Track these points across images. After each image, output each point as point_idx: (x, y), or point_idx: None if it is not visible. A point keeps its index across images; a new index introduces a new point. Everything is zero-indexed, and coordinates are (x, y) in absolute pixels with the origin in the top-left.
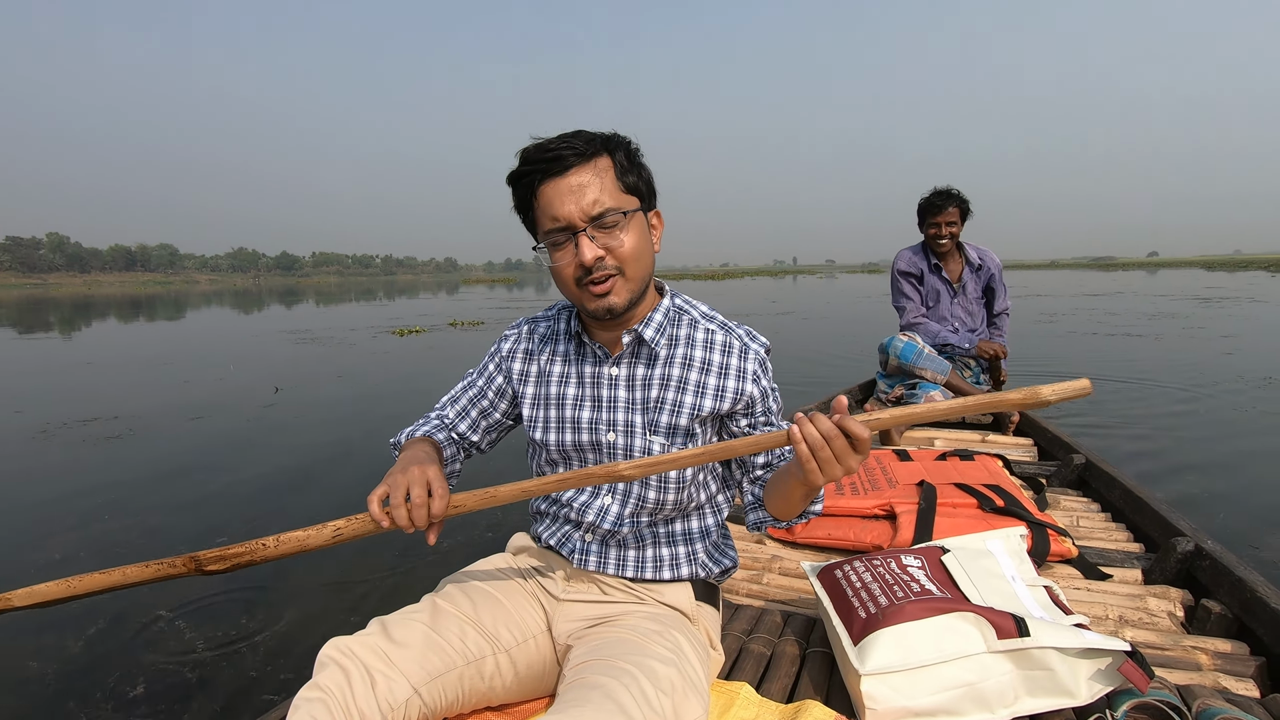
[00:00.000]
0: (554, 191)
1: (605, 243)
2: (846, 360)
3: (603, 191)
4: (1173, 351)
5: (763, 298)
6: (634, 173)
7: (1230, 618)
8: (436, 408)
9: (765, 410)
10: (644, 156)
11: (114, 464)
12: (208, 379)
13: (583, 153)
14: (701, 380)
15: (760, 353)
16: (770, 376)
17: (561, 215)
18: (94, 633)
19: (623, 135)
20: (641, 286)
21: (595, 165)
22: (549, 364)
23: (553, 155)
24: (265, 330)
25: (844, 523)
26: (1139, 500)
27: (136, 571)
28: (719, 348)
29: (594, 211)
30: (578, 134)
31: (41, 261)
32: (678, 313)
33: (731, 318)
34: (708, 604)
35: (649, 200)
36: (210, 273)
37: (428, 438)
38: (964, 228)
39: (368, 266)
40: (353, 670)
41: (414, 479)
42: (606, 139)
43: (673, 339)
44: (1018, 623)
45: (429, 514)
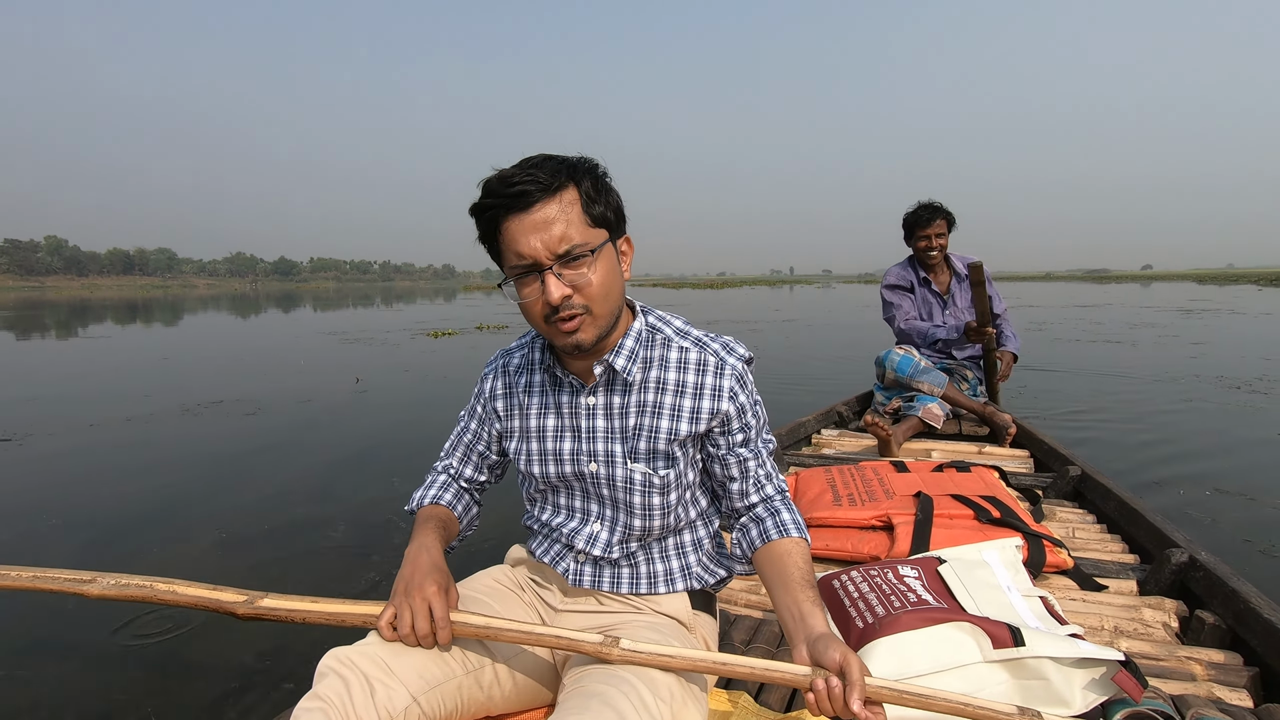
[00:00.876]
0: (518, 228)
1: (573, 280)
2: (849, 363)
3: (569, 226)
4: (1141, 353)
5: (767, 306)
6: (601, 202)
7: (1224, 628)
8: (441, 458)
9: (743, 426)
10: (612, 179)
11: (270, 431)
12: (286, 372)
13: (547, 186)
14: (676, 404)
15: (738, 367)
16: (750, 390)
17: (526, 253)
18: (86, 639)
19: (590, 160)
20: (610, 321)
21: (561, 198)
22: (527, 397)
23: (516, 190)
24: (304, 333)
25: (841, 534)
26: (1134, 512)
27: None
28: (693, 367)
29: (560, 249)
30: (543, 163)
31: (39, 264)
32: (650, 333)
33: (739, 326)
34: (705, 613)
35: (618, 228)
36: (208, 277)
37: (436, 506)
38: (950, 239)
39: (365, 272)
40: (352, 679)
41: (416, 608)
42: (573, 167)
43: (646, 362)
44: (1013, 633)
45: (434, 641)
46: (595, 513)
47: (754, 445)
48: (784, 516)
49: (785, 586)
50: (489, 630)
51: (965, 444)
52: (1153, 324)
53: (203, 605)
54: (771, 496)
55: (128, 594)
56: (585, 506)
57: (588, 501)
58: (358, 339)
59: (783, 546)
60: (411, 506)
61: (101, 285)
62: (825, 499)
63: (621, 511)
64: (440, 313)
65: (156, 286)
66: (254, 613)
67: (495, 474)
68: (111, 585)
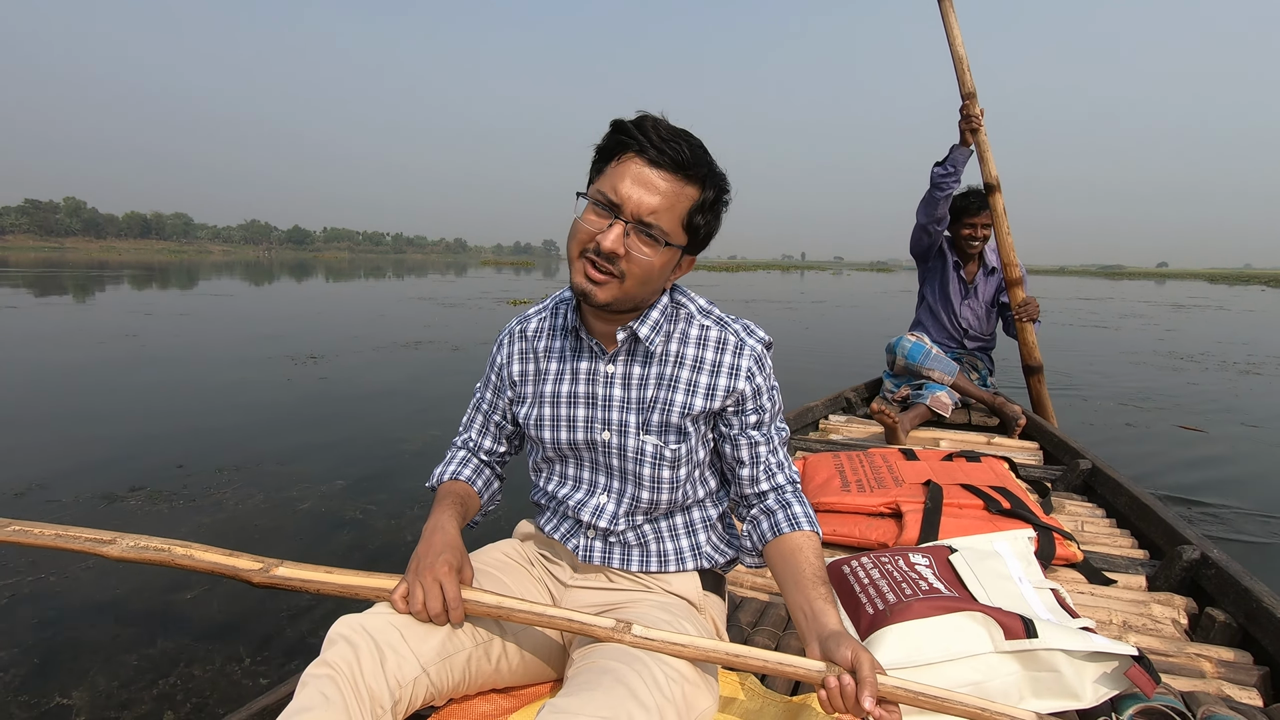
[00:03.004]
0: (635, 172)
1: (631, 246)
2: (877, 343)
3: (668, 211)
4: (1119, 336)
5: (793, 289)
6: (705, 218)
7: (1235, 627)
8: (460, 432)
9: (757, 408)
10: (727, 209)
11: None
12: (440, 323)
13: (684, 166)
14: (693, 379)
15: (757, 349)
16: (768, 373)
17: (622, 194)
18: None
19: (726, 182)
20: (630, 301)
21: (684, 186)
22: (545, 361)
23: (662, 146)
24: (403, 297)
25: (849, 520)
26: (1145, 507)
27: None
28: (713, 344)
29: (646, 218)
30: (695, 147)
31: (58, 225)
32: (675, 308)
33: (773, 305)
34: (714, 593)
35: (696, 247)
36: (223, 244)
37: (456, 482)
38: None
39: (378, 244)
40: (362, 646)
41: (428, 587)
42: (711, 173)
43: (668, 335)
44: (1025, 624)
45: (446, 619)
46: (602, 484)
47: (766, 430)
48: (795, 509)
49: (798, 584)
50: (501, 610)
51: (974, 434)
52: (1142, 315)
53: (219, 571)
54: (782, 486)
55: (146, 557)
56: (593, 478)
57: (595, 472)
58: (453, 305)
59: (794, 541)
60: (432, 483)
61: (120, 248)
62: (833, 484)
63: (630, 483)
64: (501, 283)
65: (173, 251)
66: (269, 581)
67: (514, 444)
68: (131, 548)
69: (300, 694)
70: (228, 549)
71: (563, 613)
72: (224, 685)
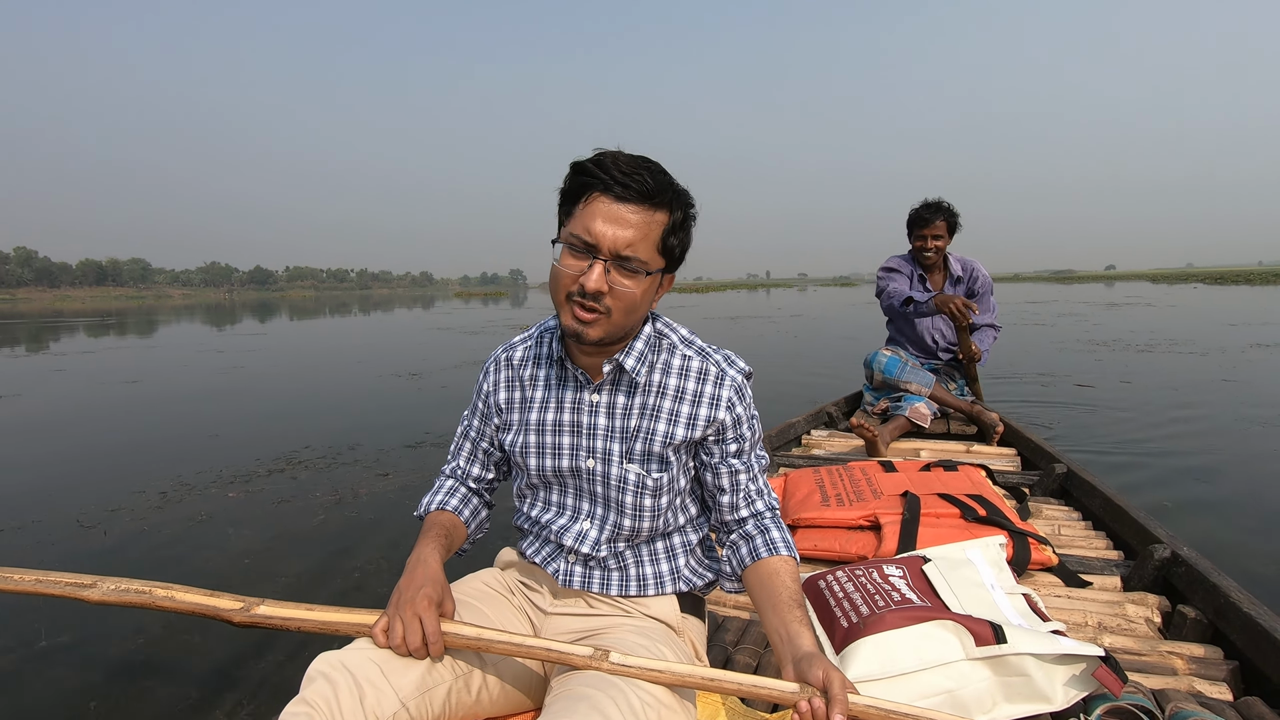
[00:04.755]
0: (604, 210)
1: (614, 282)
2: (854, 357)
3: (643, 240)
4: (1053, 330)
5: (770, 306)
6: (678, 237)
7: (1205, 623)
8: (448, 460)
9: (737, 438)
10: (695, 220)
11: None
12: (467, 351)
13: (650, 195)
14: (675, 408)
15: (737, 379)
16: (748, 403)
17: (595, 234)
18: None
19: (689, 197)
20: (620, 331)
21: (652, 213)
22: (531, 389)
23: (625, 180)
24: (428, 327)
25: (830, 534)
26: (1118, 508)
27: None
28: (694, 375)
29: (623, 252)
30: (656, 173)
31: (9, 276)
32: (658, 338)
33: (760, 321)
34: (693, 616)
35: (673, 266)
36: (182, 287)
37: (442, 513)
38: (951, 242)
39: (343, 281)
40: (341, 683)
41: (408, 622)
42: (676, 194)
43: (651, 366)
44: (995, 630)
45: (427, 653)
46: (586, 510)
47: (746, 458)
48: (773, 534)
49: (774, 607)
50: (481, 642)
51: (953, 443)
52: (1077, 314)
53: (200, 612)
54: (761, 512)
55: (127, 600)
56: (576, 504)
57: (579, 499)
58: (475, 331)
59: (771, 565)
60: (419, 513)
61: (74, 297)
62: (814, 499)
63: (612, 510)
64: (497, 315)
65: (131, 297)
66: (250, 620)
67: (503, 471)
68: (111, 591)
69: None
70: (208, 589)
71: (541, 642)
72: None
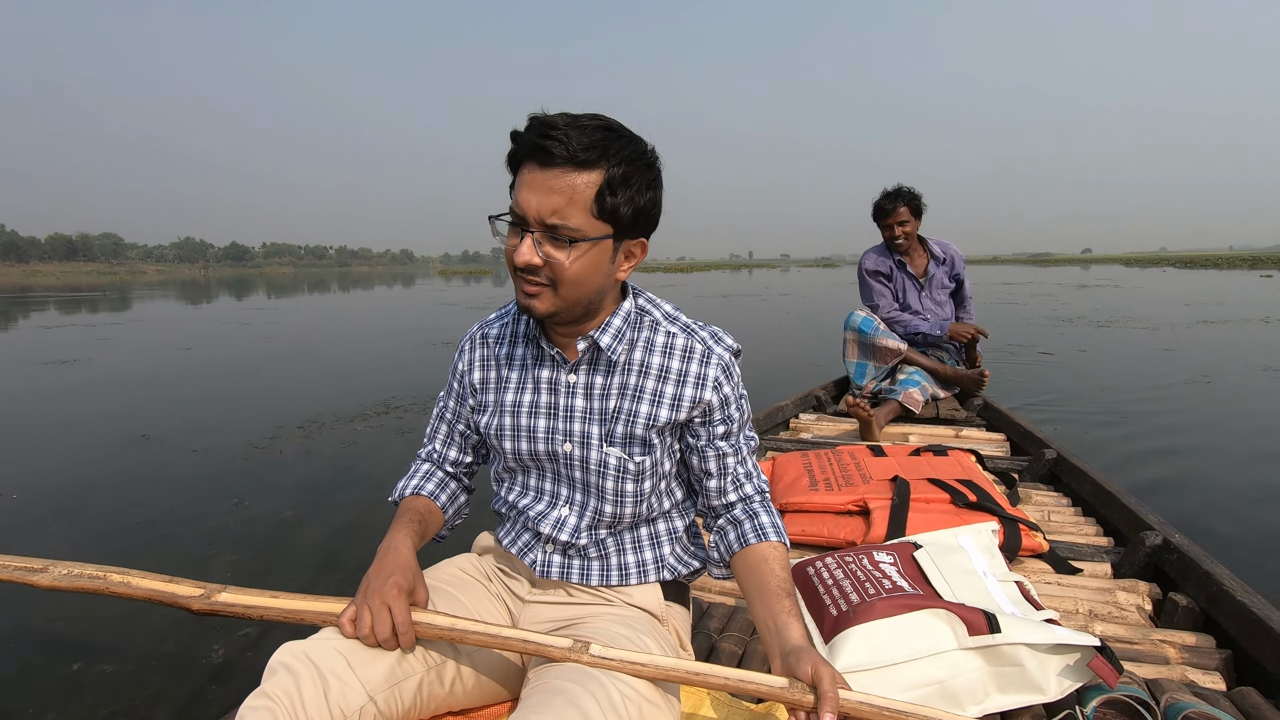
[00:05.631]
0: (528, 179)
1: (549, 253)
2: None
3: (570, 205)
4: (1025, 309)
5: (757, 285)
6: (621, 196)
7: (1197, 610)
8: (424, 443)
9: (725, 419)
10: (657, 177)
11: None
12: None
13: (573, 156)
14: (658, 389)
15: (725, 357)
16: (736, 382)
17: (521, 205)
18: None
19: (638, 147)
20: (576, 307)
21: (580, 175)
22: (506, 370)
23: (543, 144)
24: (434, 303)
25: (818, 519)
26: (1108, 494)
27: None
28: (679, 353)
29: (549, 220)
30: (587, 129)
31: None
32: (639, 315)
33: (752, 299)
34: (678, 604)
35: (630, 230)
36: (156, 263)
37: (417, 498)
38: (921, 223)
39: (321, 258)
40: (304, 675)
41: (376, 611)
42: (610, 148)
43: (632, 343)
44: (988, 619)
45: (396, 644)
46: (565, 496)
47: (734, 440)
48: (762, 519)
49: (762, 596)
50: (454, 632)
51: (943, 428)
52: (1049, 295)
53: (157, 599)
54: (750, 496)
55: (79, 585)
56: (555, 489)
57: (558, 484)
58: (481, 306)
59: (760, 552)
60: (393, 498)
61: (45, 272)
62: (802, 484)
63: (593, 496)
64: (486, 291)
65: (104, 273)
66: (209, 608)
67: (481, 454)
68: (63, 575)
69: None
70: (167, 575)
71: (518, 633)
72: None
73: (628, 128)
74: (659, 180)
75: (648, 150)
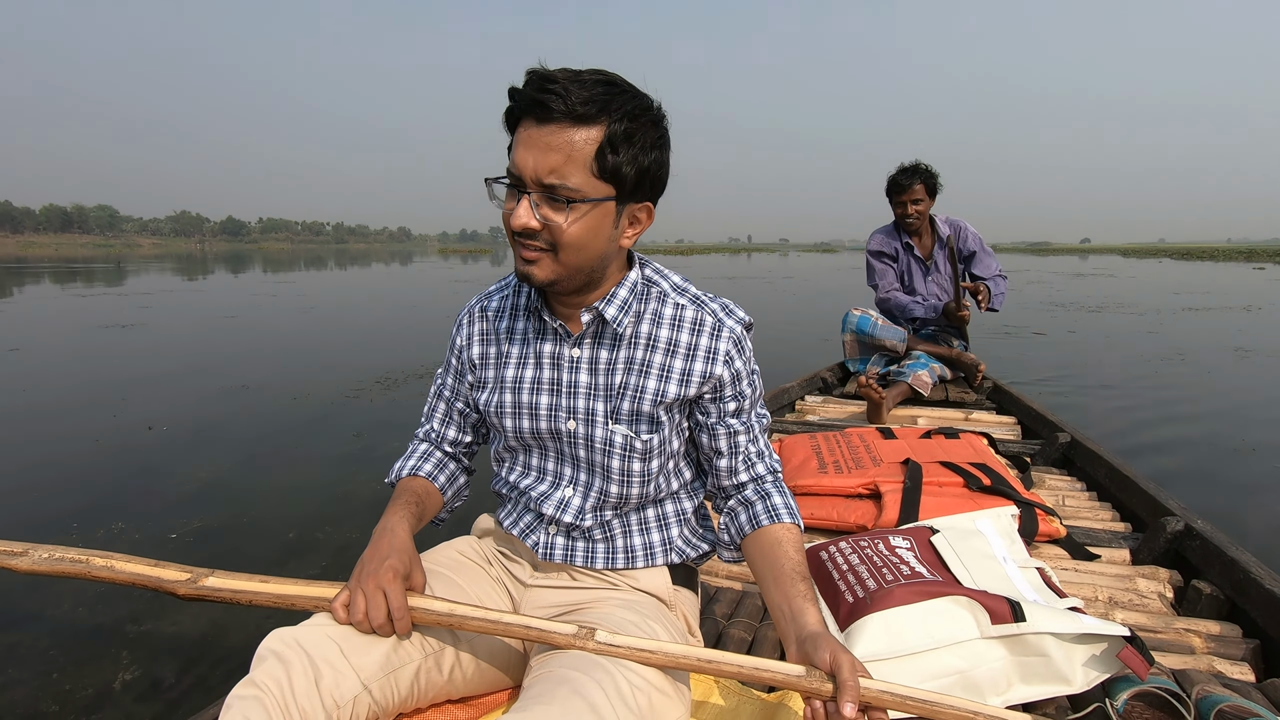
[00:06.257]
0: (525, 136)
1: (547, 216)
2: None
3: (569, 164)
4: (1019, 295)
5: (760, 268)
6: (624, 155)
7: (1222, 599)
8: (422, 422)
9: (736, 395)
10: (663, 136)
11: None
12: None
13: (572, 110)
14: (666, 363)
15: (736, 330)
16: (748, 357)
17: (518, 164)
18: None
19: (643, 103)
20: (577, 275)
21: (580, 131)
22: (507, 344)
23: (541, 99)
24: (450, 279)
25: (827, 502)
26: (1125, 479)
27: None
28: (688, 326)
29: (546, 180)
30: (588, 83)
31: None
32: (646, 286)
33: (749, 281)
34: (686, 588)
35: (634, 193)
36: (151, 236)
37: (414, 479)
38: (934, 203)
39: (318, 234)
40: (295, 663)
41: (370, 596)
42: (612, 103)
43: (638, 315)
44: (1012, 607)
45: (392, 630)
46: (569, 476)
47: (746, 417)
48: (775, 500)
49: (776, 580)
50: (453, 618)
51: (952, 410)
52: (1044, 282)
53: (141, 583)
54: (762, 476)
55: (61, 569)
56: (558, 469)
57: (561, 464)
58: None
59: (773, 534)
60: (390, 479)
61: (39, 243)
62: (810, 466)
63: (598, 476)
64: (488, 268)
65: (99, 245)
66: (196, 593)
67: (481, 433)
68: (44, 559)
69: (224, 718)
70: (152, 559)
71: (520, 619)
72: (146, 707)
73: (632, 84)
74: (665, 140)
75: (653, 106)
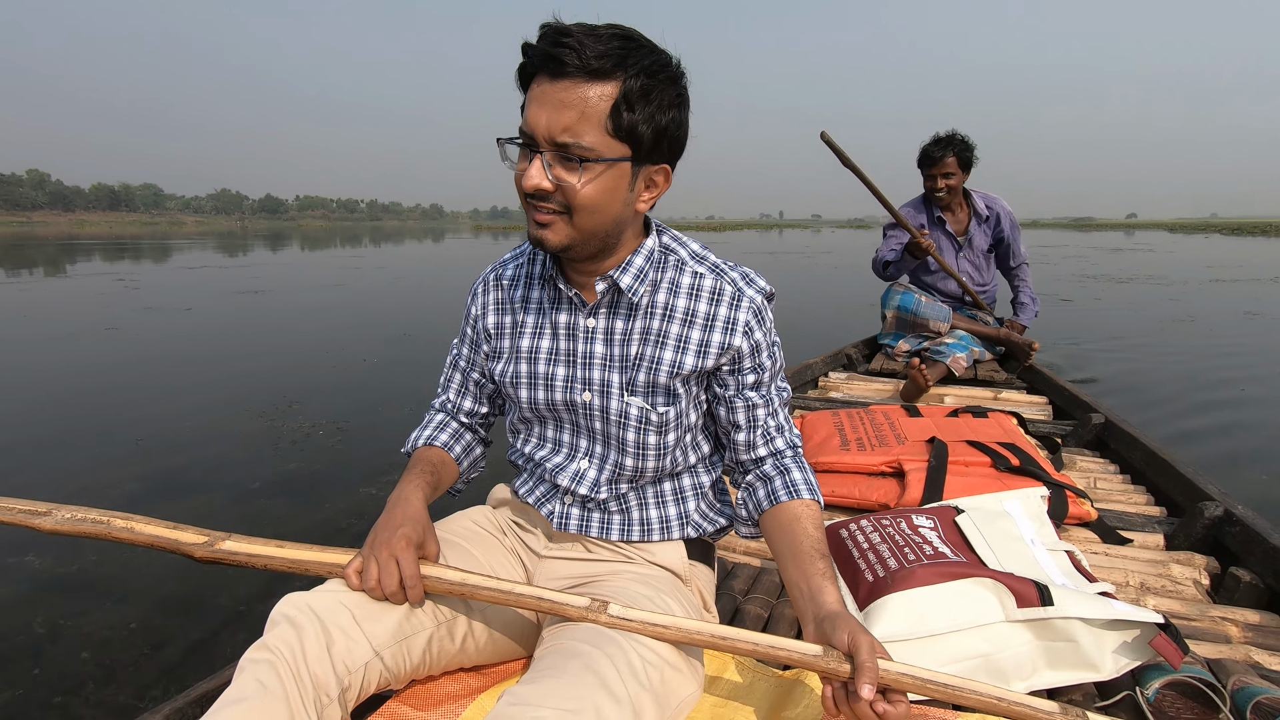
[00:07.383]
0: (538, 93)
1: (560, 176)
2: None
3: (583, 122)
4: (1055, 269)
5: (796, 243)
6: (641, 113)
7: (1262, 587)
8: (438, 393)
9: (755, 367)
10: (682, 94)
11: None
12: None
13: (587, 65)
14: (684, 333)
15: (756, 300)
16: (768, 327)
17: (530, 123)
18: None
19: (662, 60)
20: (592, 239)
21: (595, 87)
22: (521, 313)
23: (555, 53)
24: (479, 257)
25: (849, 480)
26: (1163, 462)
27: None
28: (706, 295)
29: (559, 139)
30: (605, 37)
31: (24, 199)
32: (663, 254)
33: (788, 256)
34: (702, 563)
35: (651, 154)
36: (194, 214)
37: (430, 449)
38: (968, 177)
39: (353, 211)
40: (307, 628)
41: (383, 564)
42: (629, 58)
43: (655, 284)
44: (1040, 590)
45: (404, 598)
46: (584, 448)
47: (766, 391)
48: (794, 475)
49: (795, 558)
50: (465, 588)
51: (981, 389)
52: (1081, 257)
53: (160, 545)
54: (782, 451)
55: (82, 529)
56: (574, 441)
57: (576, 435)
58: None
59: (792, 511)
60: (407, 449)
61: (90, 221)
62: (832, 443)
63: (613, 449)
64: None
65: (145, 223)
66: (213, 555)
67: (497, 404)
68: (66, 520)
69: (237, 681)
70: (171, 521)
71: (533, 590)
72: (161, 668)
73: (650, 39)
74: (684, 99)
75: (672, 63)
